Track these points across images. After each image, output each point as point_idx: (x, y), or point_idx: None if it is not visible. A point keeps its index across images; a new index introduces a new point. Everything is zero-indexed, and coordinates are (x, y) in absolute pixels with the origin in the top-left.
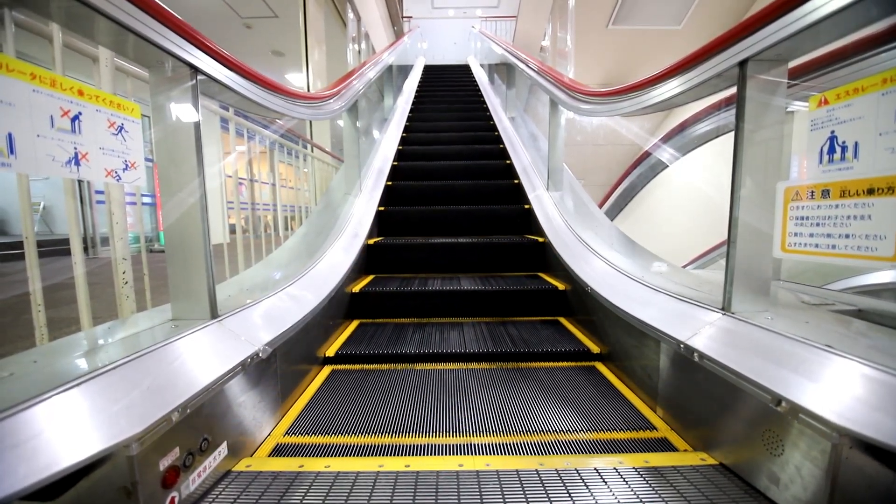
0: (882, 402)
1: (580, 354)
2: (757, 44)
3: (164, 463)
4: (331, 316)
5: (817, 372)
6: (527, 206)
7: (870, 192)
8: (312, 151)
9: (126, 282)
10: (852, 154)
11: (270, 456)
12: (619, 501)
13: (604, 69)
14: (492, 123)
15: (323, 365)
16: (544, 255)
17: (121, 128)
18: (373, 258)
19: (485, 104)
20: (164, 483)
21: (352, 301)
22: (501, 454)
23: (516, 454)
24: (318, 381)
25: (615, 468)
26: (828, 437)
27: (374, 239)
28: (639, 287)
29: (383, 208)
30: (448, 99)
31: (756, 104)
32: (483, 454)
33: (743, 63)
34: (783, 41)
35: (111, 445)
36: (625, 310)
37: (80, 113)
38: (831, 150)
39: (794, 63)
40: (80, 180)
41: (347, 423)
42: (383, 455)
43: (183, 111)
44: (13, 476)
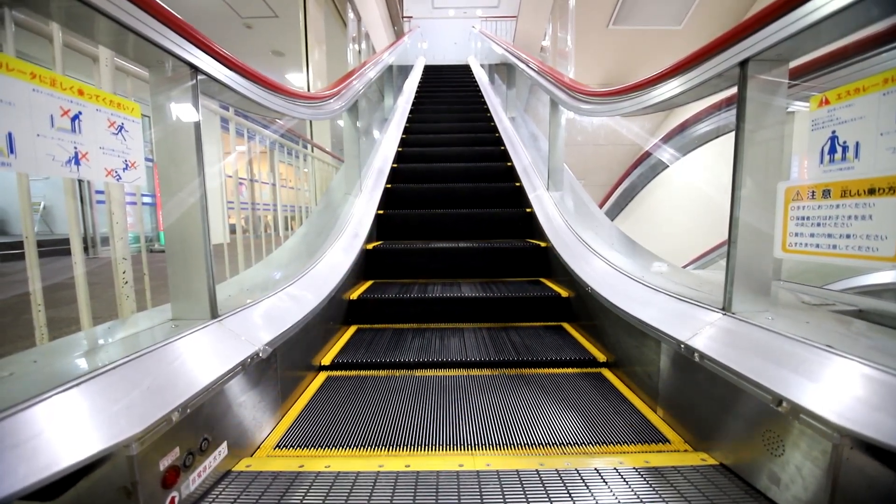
0: (883, 403)
1: (585, 362)
2: (758, 44)
3: (165, 463)
4: (331, 317)
5: (818, 372)
6: (528, 210)
7: (871, 192)
8: (312, 151)
9: (126, 282)
10: (853, 154)
11: (270, 456)
12: (620, 501)
13: (604, 69)
14: (492, 125)
15: (319, 371)
16: (546, 260)
17: (121, 127)
18: (372, 263)
19: (485, 104)
20: (165, 483)
21: (350, 306)
22: (502, 454)
23: (517, 454)
24: (318, 382)
25: (615, 468)
26: (828, 438)
27: (374, 243)
28: (639, 287)
29: (382, 212)
30: (448, 99)
31: (757, 104)
32: (483, 454)
33: (744, 63)
34: (784, 41)
35: (111, 445)
36: (625, 310)
37: (80, 112)
38: (832, 150)
39: (795, 63)
40: (81, 180)
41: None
42: (383, 455)
43: (183, 111)
44: (13, 476)
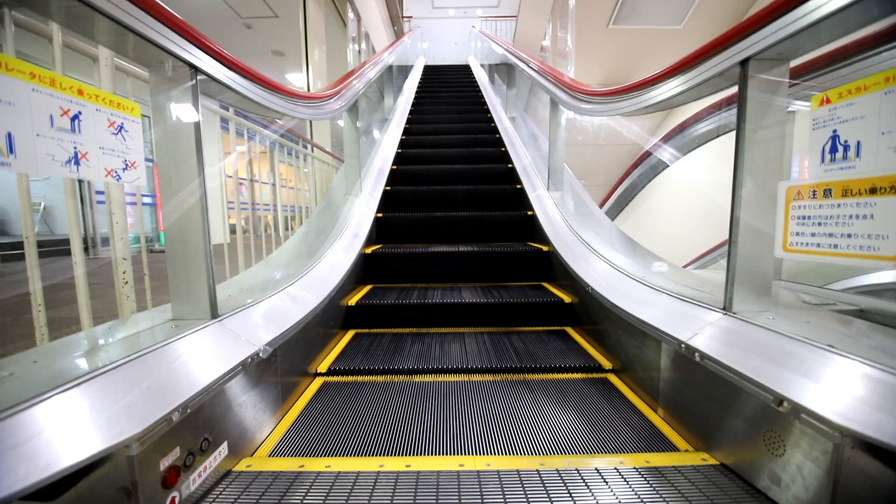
0: (884, 402)
1: (589, 368)
2: (758, 43)
3: (165, 463)
4: (331, 318)
5: (819, 372)
6: (530, 213)
7: (872, 192)
8: (313, 151)
9: (126, 282)
10: (854, 153)
11: (271, 456)
12: (620, 501)
13: (604, 69)
14: (493, 125)
15: (315, 377)
16: (549, 263)
17: (121, 127)
18: (371, 267)
19: (485, 104)
20: (165, 483)
21: (349, 311)
22: (502, 454)
23: (517, 454)
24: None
25: (616, 468)
26: (829, 438)
27: (373, 247)
28: (640, 287)
29: (382, 214)
30: (448, 99)
31: (757, 103)
32: (484, 455)
33: (744, 62)
34: (785, 40)
35: (111, 445)
36: (626, 310)
37: (80, 112)
38: (833, 150)
39: (796, 62)
40: (81, 180)
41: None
42: (384, 455)
43: (183, 111)
44: (13, 476)
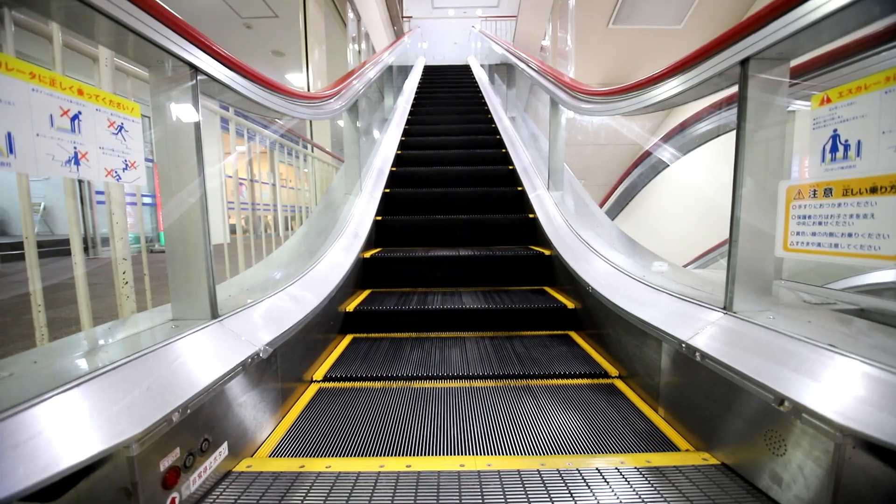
0: (885, 402)
1: (594, 374)
2: (758, 42)
3: (165, 463)
4: (330, 319)
5: (820, 371)
6: (531, 216)
7: (873, 191)
8: (313, 151)
9: (126, 282)
10: (855, 152)
11: (271, 456)
12: (621, 501)
13: (604, 69)
14: (493, 126)
15: (311, 383)
16: (550, 266)
17: (121, 127)
18: (370, 271)
19: (485, 104)
20: (165, 484)
21: (347, 317)
22: (503, 454)
23: (518, 454)
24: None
25: (617, 468)
26: (831, 437)
27: (372, 251)
28: (640, 287)
29: (381, 218)
30: (448, 100)
31: (757, 103)
32: (484, 454)
33: (744, 62)
34: (785, 39)
35: (111, 446)
36: (626, 310)
37: (80, 112)
38: (834, 149)
39: (796, 62)
40: (81, 180)
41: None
42: (384, 455)
43: (183, 111)
44: (13, 476)
